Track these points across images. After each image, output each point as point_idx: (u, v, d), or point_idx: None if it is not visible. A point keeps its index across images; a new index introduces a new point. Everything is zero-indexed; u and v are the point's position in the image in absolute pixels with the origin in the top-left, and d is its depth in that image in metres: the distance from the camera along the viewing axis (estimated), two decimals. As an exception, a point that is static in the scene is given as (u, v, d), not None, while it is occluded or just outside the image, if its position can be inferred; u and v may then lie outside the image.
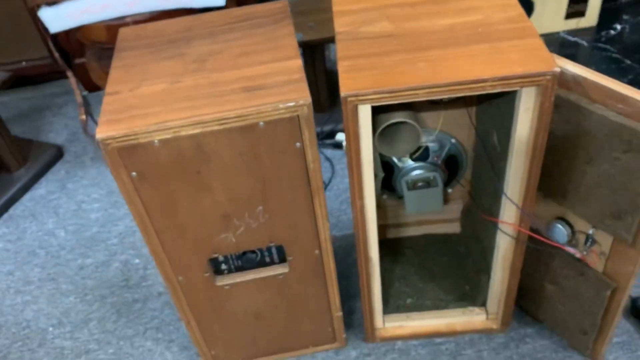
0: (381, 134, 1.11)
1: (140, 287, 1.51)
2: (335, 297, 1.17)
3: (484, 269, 1.26)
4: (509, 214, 1.06)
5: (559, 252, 1.10)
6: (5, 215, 1.77)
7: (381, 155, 1.28)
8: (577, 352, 1.23)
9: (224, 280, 1.10)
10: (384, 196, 1.39)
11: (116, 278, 1.54)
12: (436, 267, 1.41)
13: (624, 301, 1.06)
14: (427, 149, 1.28)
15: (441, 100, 1.21)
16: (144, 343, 1.38)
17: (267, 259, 1.10)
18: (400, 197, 1.37)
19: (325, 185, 1.74)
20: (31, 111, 2.21)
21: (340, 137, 1.87)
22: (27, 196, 1.83)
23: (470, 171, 1.34)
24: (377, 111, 1.14)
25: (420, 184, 1.28)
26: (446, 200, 1.43)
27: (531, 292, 1.25)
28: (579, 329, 1.17)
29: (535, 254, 1.15)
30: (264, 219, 1.00)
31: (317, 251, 1.07)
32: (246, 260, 1.08)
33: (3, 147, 1.80)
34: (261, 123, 0.86)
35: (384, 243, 1.48)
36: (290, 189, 0.96)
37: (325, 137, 1.85)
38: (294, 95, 0.86)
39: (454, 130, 1.28)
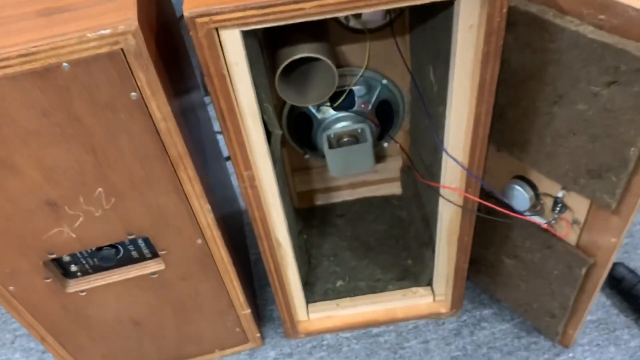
0: (284, 77, 0.82)
1: (10, 284, 1.21)
2: (237, 293, 0.90)
3: (428, 241, 1.01)
4: (452, 176, 0.79)
5: (519, 220, 0.84)
6: None
7: (297, 107, 0.99)
8: (543, 337, 1.00)
9: (77, 286, 0.81)
10: (306, 155, 1.11)
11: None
12: (372, 238, 1.15)
13: (602, 279, 0.82)
14: (351, 94, 0.99)
15: (365, 28, 0.91)
16: (12, 355, 1.10)
17: (134, 254, 0.81)
18: (324, 156, 1.10)
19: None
20: None
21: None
22: None
23: (408, 120, 1.06)
24: (274, 44, 0.85)
25: (345, 139, 1.00)
26: (382, 156, 1.16)
27: (487, 267, 1.01)
28: (546, 312, 0.94)
29: (490, 223, 0.89)
30: (110, 204, 0.70)
31: (199, 240, 0.79)
32: (103, 258, 0.79)
33: None
34: (65, 64, 0.56)
35: (311, 212, 1.22)
36: (137, 161, 0.66)
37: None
38: (113, 17, 0.55)
39: (386, 68, 0.99)
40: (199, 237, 0.78)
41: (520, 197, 0.81)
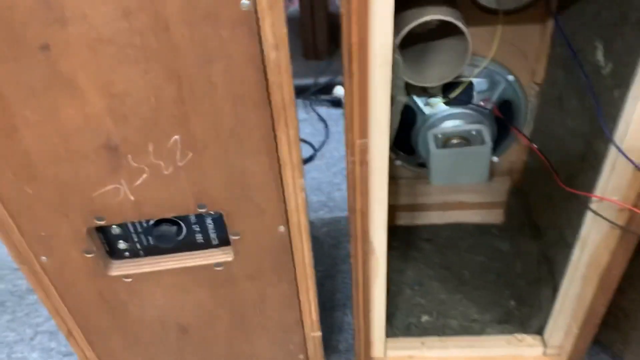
0: (405, 46, 0.66)
1: (40, 273, 1.06)
2: (311, 307, 0.72)
3: (546, 278, 0.81)
4: (615, 184, 0.61)
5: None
6: None
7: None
8: (688, 419, 0.78)
9: (123, 269, 0.65)
10: (397, 161, 0.94)
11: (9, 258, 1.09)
12: (466, 270, 0.96)
13: None
14: (470, 87, 0.83)
15: (499, 9, 0.76)
16: (28, 354, 0.94)
17: (199, 238, 0.65)
18: (421, 165, 0.93)
19: (316, 151, 1.30)
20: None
21: (340, 91, 1.42)
22: None
23: (530, 129, 0.89)
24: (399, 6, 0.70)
25: (455, 141, 0.83)
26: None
27: (617, 317, 0.80)
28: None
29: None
30: (184, 160, 0.55)
31: (282, 227, 0.62)
32: (161, 236, 0.63)
33: None
34: (166, -59, 0.41)
35: (392, 232, 1.03)
36: (229, 102, 0.51)
37: (321, 91, 1.40)
38: None
39: (514, 62, 0.83)
40: (282, 222, 0.62)
41: (703, 223, 0.62)
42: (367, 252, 0.67)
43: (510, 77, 0.83)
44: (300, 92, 1.38)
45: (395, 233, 1.03)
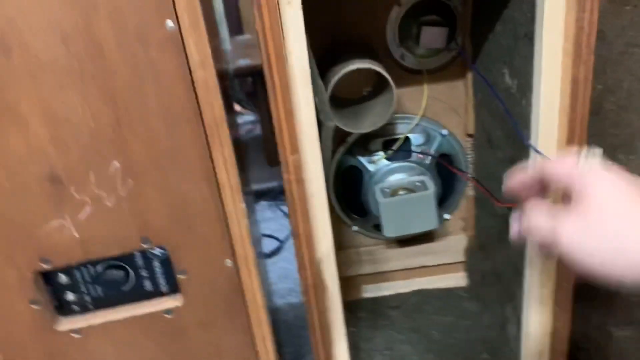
0: (334, 104, 0.73)
1: None
2: (268, 352, 0.70)
3: (511, 317, 0.80)
4: (544, 189, 0.64)
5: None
6: None
7: (345, 158, 0.89)
8: None
9: (71, 322, 0.64)
10: (354, 227, 0.97)
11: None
12: (436, 331, 0.94)
13: None
14: (408, 142, 0.89)
15: (422, 68, 0.84)
16: None
17: (147, 284, 0.65)
18: (376, 226, 0.95)
19: (282, 243, 1.32)
20: None
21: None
22: None
23: (472, 178, 0.93)
24: (328, 62, 0.78)
25: (401, 192, 0.87)
26: (442, 234, 1.00)
27: (589, 350, 0.78)
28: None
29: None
30: (126, 189, 0.57)
31: (228, 261, 0.63)
32: (108, 282, 0.63)
33: None
34: (96, -29, 0.48)
35: (357, 305, 1.02)
36: (163, 122, 0.55)
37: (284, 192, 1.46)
38: None
39: (444, 117, 0.90)
40: (228, 255, 0.63)
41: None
42: (319, 283, 0.67)
43: (444, 131, 0.89)
44: (266, 193, 1.44)
45: (362, 305, 1.01)
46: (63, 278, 0.62)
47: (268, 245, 1.26)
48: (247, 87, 1.90)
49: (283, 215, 1.36)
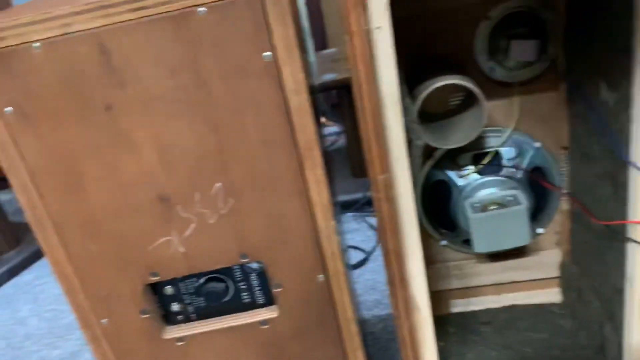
0: (423, 119, 0.74)
1: (107, 384, 1.08)
2: (359, 369, 0.72)
3: (611, 337, 0.77)
4: (645, 206, 0.62)
5: None
6: (-21, 303, 1.45)
7: (433, 172, 0.89)
8: None
9: (175, 331, 0.69)
10: (442, 242, 0.96)
11: (81, 373, 1.14)
12: (529, 348, 0.91)
13: None
14: (498, 156, 0.88)
15: (513, 81, 0.83)
16: None
17: (245, 297, 0.69)
18: (465, 241, 0.94)
19: (368, 255, 1.33)
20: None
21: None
22: (11, 282, 1.52)
23: (567, 193, 0.90)
24: (415, 78, 0.79)
25: (492, 207, 0.86)
26: (535, 249, 0.97)
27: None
28: None
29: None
30: (227, 208, 0.61)
31: (321, 276, 0.65)
32: (209, 293, 0.67)
33: (-9, 225, 1.55)
34: (200, 9, 0.52)
35: (447, 320, 1.02)
36: (261, 147, 0.58)
37: (369, 204, 1.47)
38: (255, -37, 0.53)
39: (536, 129, 0.88)
40: (320, 271, 0.65)
41: None
42: (409, 301, 0.68)
43: (537, 144, 0.87)
44: (351, 205, 1.46)
45: (451, 320, 1.01)
46: (169, 290, 0.67)
47: (354, 257, 1.28)
48: (332, 99, 1.93)
49: (368, 227, 1.38)
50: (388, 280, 0.67)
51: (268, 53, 0.54)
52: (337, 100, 1.65)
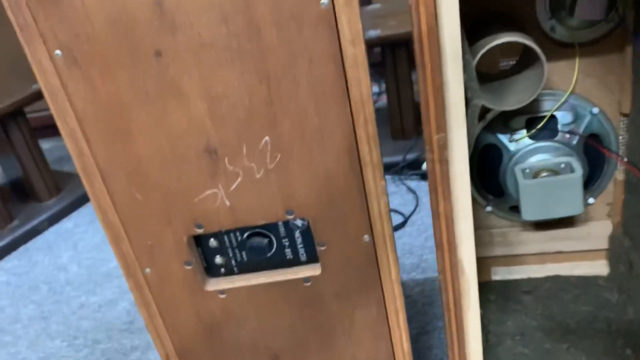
0: (485, 82, 0.71)
1: (144, 332, 1.11)
2: (402, 334, 0.71)
3: (662, 314, 0.74)
4: None
5: None
6: (22, 248, 1.49)
7: (483, 134, 0.86)
8: None
9: (217, 284, 0.69)
10: (488, 207, 0.94)
11: (119, 320, 1.16)
12: (572, 320, 0.89)
13: None
14: (553, 120, 0.84)
15: (574, 41, 0.78)
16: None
17: (288, 253, 0.68)
18: (512, 209, 0.92)
19: (406, 219, 1.31)
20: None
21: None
22: (52, 229, 1.56)
23: (622, 169, 0.86)
24: (473, 35, 0.75)
25: (544, 174, 0.82)
26: (584, 220, 0.94)
27: None
28: None
29: None
30: (274, 163, 0.60)
31: (366, 237, 0.64)
32: (253, 248, 0.66)
33: (35, 173, 1.57)
34: (257, -48, 0.50)
35: (488, 286, 1.00)
36: (312, 100, 0.56)
37: (409, 167, 1.44)
38: None
39: (597, 94, 0.83)
40: (367, 231, 0.63)
41: None
42: (455, 268, 0.66)
43: (595, 110, 0.83)
44: (390, 167, 1.43)
45: (492, 288, 0.99)
46: (213, 242, 0.67)
47: (393, 220, 1.26)
48: (374, 57, 1.88)
49: (407, 190, 1.35)
50: (436, 243, 0.65)
51: (326, 0, 0.51)
52: (380, 58, 1.60)
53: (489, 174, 0.89)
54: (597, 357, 0.81)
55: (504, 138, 0.85)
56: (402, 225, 1.23)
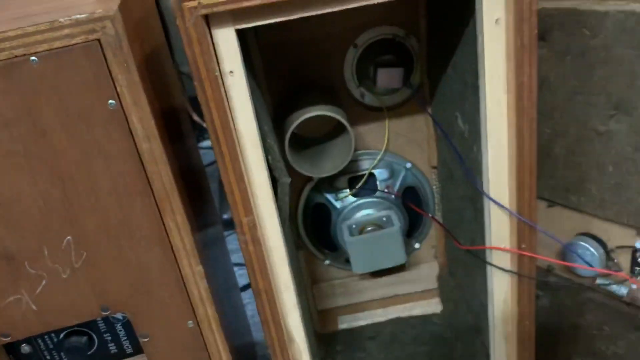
0: (295, 149, 0.74)
1: None
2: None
3: (480, 350, 0.81)
4: (499, 233, 0.65)
5: (589, 294, 0.67)
6: None
7: (313, 195, 0.89)
8: None
9: (36, 390, 0.64)
10: (326, 261, 0.97)
11: None
12: (412, 361, 0.94)
13: None
14: (373, 178, 0.89)
15: (382, 105, 0.85)
16: None
17: (112, 347, 0.65)
18: (348, 260, 0.96)
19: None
20: None
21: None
22: None
23: (440, 214, 0.94)
24: (283, 111, 0.78)
25: (369, 228, 0.87)
26: (415, 262, 1.01)
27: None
28: None
29: (555, 309, 0.71)
30: (80, 261, 0.57)
31: (190, 322, 0.63)
32: (71, 349, 0.63)
33: None
34: (33, 58, 0.48)
35: (334, 337, 1.03)
36: (114, 196, 0.55)
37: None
38: (92, 7, 0.49)
39: (408, 150, 0.90)
40: (189, 317, 0.63)
41: (588, 256, 0.65)
42: (283, 337, 0.68)
43: (408, 164, 0.90)
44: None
45: (339, 338, 1.02)
46: (26, 348, 0.62)
47: (244, 276, 1.26)
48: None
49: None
50: (261, 320, 0.66)
51: (112, 101, 0.51)
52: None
53: (323, 230, 0.92)
54: (433, 396, 0.87)
55: (330, 197, 0.89)
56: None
